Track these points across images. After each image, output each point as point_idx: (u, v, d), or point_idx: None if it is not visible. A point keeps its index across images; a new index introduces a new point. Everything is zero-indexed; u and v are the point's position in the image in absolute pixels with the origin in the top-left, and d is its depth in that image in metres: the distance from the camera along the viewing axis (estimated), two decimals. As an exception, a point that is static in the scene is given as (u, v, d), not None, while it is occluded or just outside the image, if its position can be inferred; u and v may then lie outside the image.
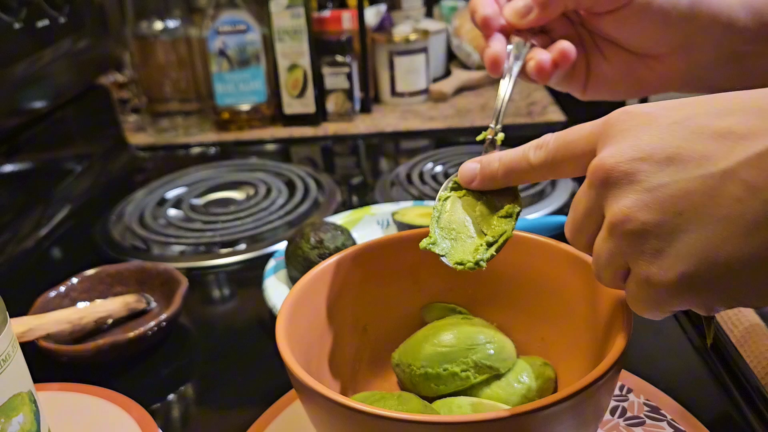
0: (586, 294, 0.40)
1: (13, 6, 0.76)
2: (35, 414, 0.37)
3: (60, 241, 0.78)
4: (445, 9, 1.25)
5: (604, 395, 0.35)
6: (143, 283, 0.61)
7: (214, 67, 1.05)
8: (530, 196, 0.78)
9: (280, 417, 0.45)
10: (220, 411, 0.50)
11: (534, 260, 0.43)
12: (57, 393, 0.48)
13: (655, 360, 0.50)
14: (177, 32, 1.03)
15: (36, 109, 0.81)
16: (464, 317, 0.45)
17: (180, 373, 0.54)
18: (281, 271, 0.61)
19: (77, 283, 0.60)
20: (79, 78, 0.92)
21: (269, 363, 0.53)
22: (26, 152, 0.81)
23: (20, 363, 0.36)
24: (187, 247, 0.74)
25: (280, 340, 0.36)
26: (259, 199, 0.83)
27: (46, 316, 0.54)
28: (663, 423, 0.42)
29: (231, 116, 1.09)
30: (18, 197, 0.78)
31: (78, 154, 0.93)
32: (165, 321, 0.54)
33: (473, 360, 0.41)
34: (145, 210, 0.82)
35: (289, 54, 1.04)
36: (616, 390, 0.45)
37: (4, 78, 0.74)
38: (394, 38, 1.11)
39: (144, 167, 1.02)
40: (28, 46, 0.78)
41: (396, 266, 0.46)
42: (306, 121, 1.08)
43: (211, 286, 0.67)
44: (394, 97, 1.15)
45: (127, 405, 0.47)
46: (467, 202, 0.39)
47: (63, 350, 0.52)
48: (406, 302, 0.46)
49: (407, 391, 0.43)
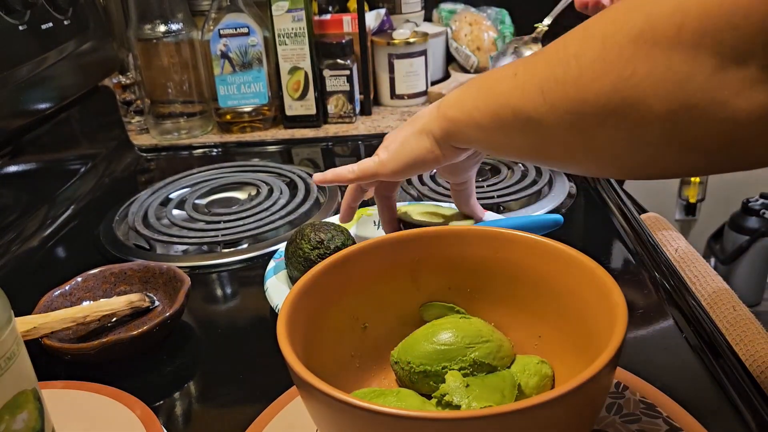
0: (582, 293, 0.41)
1: (18, 8, 0.77)
2: (39, 411, 0.37)
3: (64, 241, 0.79)
4: (443, 12, 1.26)
5: (600, 393, 0.35)
6: (147, 282, 0.62)
7: (217, 70, 1.06)
8: (527, 197, 0.79)
9: (282, 413, 0.45)
10: (223, 408, 0.50)
11: (531, 259, 0.44)
12: (61, 391, 0.49)
13: (651, 358, 0.51)
14: (180, 35, 1.04)
15: (40, 110, 0.81)
16: (462, 316, 0.46)
17: (183, 370, 0.55)
18: (282, 271, 0.62)
19: (81, 282, 0.60)
20: (83, 80, 0.93)
21: (270, 360, 0.54)
22: (31, 153, 0.82)
23: (25, 361, 0.36)
24: (190, 246, 0.75)
25: (281, 338, 0.37)
26: (261, 199, 0.84)
27: (51, 314, 0.54)
28: (659, 420, 0.42)
29: (233, 118, 1.10)
30: (23, 197, 0.79)
31: (82, 155, 0.93)
32: (168, 319, 0.54)
33: (471, 358, 0.42)
34: (148, 210, 0.82)
35: (290, 57, 1.05)
36: (612, 387, 0.45)
37: (9, 80, 0.74)
38: (393, 41, 1.12)
39: (148, 168, 1.03)
40: (32, 48, 0.79)
41: (395, 266, 0.46)
42: (307, 123, 1.09)
43: (213, 285, 0.68)
44: (393, 99, 1.16)
45: (131, 402, 0.47)
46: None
47: (67, 348, 0.52)
48: (405, 301, 0.47)
49: (406, 388, 0.43)
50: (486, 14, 1.23)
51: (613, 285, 0.38)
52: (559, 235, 0.55)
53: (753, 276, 1.89)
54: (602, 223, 0.74)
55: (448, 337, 0.43)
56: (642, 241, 0.68)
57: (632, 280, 0.62)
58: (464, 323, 0.44)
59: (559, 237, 0.44)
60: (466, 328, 0.43)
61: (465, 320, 0.45)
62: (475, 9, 1.25)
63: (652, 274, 0.62)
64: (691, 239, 1.90)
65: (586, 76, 0.35)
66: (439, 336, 0.43)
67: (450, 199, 0.78)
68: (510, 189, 0.80)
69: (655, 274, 0.62)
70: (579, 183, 0.82)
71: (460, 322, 0.44)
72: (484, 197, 0.79)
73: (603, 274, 0.39)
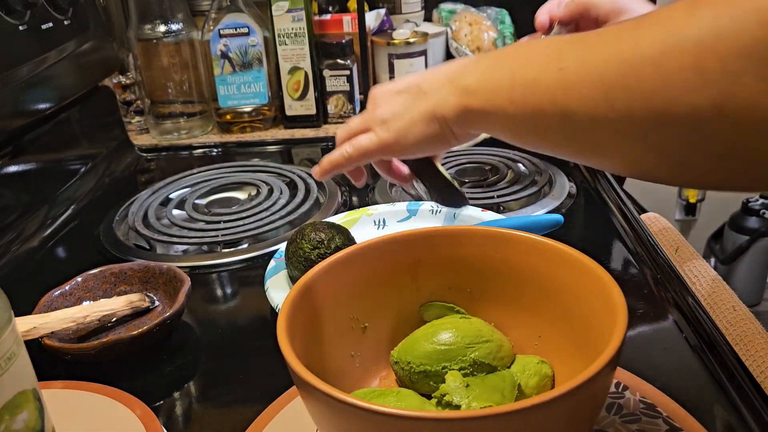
0: (582, 293, 0.41)
1: (18, 8, 0.77)
2: (39, 411, 0.37)
3: (64, 241, 0.79)
4: (443, 12, 1.26)
5: (600, 392, 0.35)
6: (147, 282, 0.62)
7: (217, 70, 1.06)
8: (527, 197, 0.79)
9: (282, 413, 0.45)
10: (223, 408, 0.50)
11: (531, 259, 0.44)
12: (61, 391, 0.49)
13: (651, 358, 0.51)
14: (180, 35, 1.04)
15: (41, 110, 0.81)
16: (462, 316, 0.46)
17: (183, 370, 0.55)
18: (282, 271, 0.62)
19: (81, 282, 0.60)
20: (83, 80, 0.93)
21: (270, 360, 0.54)
22: (31, 153, 0.82)
23: (25, 361, 0.36)
24: (190, 246, 0.75)
25: (281, 337, 0.37)
26: (261, 199, 0.84)
27: (51, 314, 0.54)
28: (659, 420, 0.42)
29: (233, 118, 1.10)
30: (23, 197, 0.79)
31: (82, 155, 0.93)
32: (168, 319, 0.54)
33: (471, 358, 0.42)
34: (148, 210, 0.82)
35: (290, 57, 1.05)
36: (612, 387, 0.45)
37: (9, 80, 0.75)
38: (393, 41, 1.12)
39: (148, 168, 1.03)
40: (32, 48, 0.79)
41: (395, 266, 0.46)
42: (307, 123, 1.09)
43: (213, 285, 0.68)
44: (395, 98, 1.16)
45: (131, 402, 0.47)
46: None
47: (67, 348, 0.52)
48: (405, 301, 0.47)
49: (406, 388, 0.43)
50: (486, 14, 1.23)
51: (613, 285, 0.38)
52: (559, 235, 0.55)
53: (753, 276, 1.90)
54: (602, 223, 0.74)
55: (448, 337, 0.43)
56: (642, 241, 0.68)
57: (632, 280, 0.62)
58: (464, 323, 0.44)
59: (559, 237, 0.44)
60: (466, 328, 0.43)
61: (465, 320, 0.45)
62: (475, 9, 1.25)
63: (653, 274, 0.62)
64: (691, 239, 1.90)
65: (675, 88, 0.30)
66: (439, 336, 0.43)
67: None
68: (510, 189, 0.80)
69: (656, 274, 0.62)
70: (579, 183, 0.82)
71: (460, 322, 0.44)
72: (485, 197, 0.79)
73: (603, 274, 0.39)
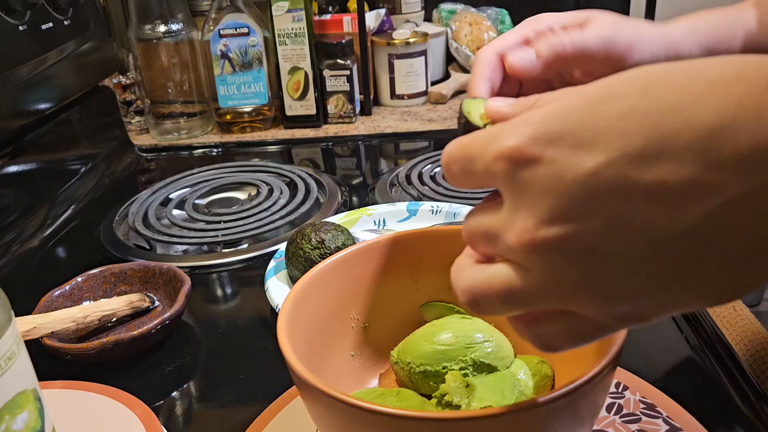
0: (582, 293, 0.41)
1: (18, 9, 0.77)
2: (40, 411, 0.37)
3: (64, 241, 0.79)
4: (443, 12, 1.26)
5: (600, 392, 0.35)
6: (147, 282, 0.62)
7: (217, 70, 1.06)
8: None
9: (282, 413, 0.45)
10: (223, 408, 0.50)
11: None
12: (61, 391, 0.49)
13: (651, 358, 0.51)
14: (180, 35, 1.04)
15: (41, 110, 0.81)
16: (463, 316, 0.46)
17: (183, 370, 0.55)
18: (282, 271, 0.62)
19: (81, 282, 0.60)
20: (83, 80, 0.93)
21: (271, 360, 0.54)
22: (31, 153, 0.82)
23: (25, 361, 0.36)
24: (190, 246, 0.75)
25: (282, 337, 0.37)
26: (261, 199, 0.84)
27: (51, 314, 0.54)
28: (659, 420, 0.43)
29: (233, 118, 1.10)
30: (23, 197, 0.79)
31: (82, 155, 0.93)
32: (168, 319, 0.54)
33: (471, 358, 0.42)
34: (148, 210, 0.83)
35: (290, 57, 1.05)
36: (612, 387, 0.45)
37: (9, 80, 0.75)
38: (393, 41, 1.12)
39: (148, 168, 1.03)
40: (32, 48, 0.79)
41: (395, 265, 0.46)
42: (307, 123, 1.09)
43: (213, 285, 0.68)
44: (393, 99, 1.16)
45: (131, 402, 0.47)
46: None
47: (67, 348, 0.52)
48: (406, 301, 0.47)
49: (406, 388, 0.43)
50: (486, 14, 1.23)
51: (613, 285, 0.38)
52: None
53: (753, 276, 1.89)
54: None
55: (448, 337, 0.43)
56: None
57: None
58: (464, 323, 0.44)
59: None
60: (466, 328, 0.43)
61: (465, 320, 0.45)
62: (475, 9, 1.25)
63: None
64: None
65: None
66: (439, 336, 0.43)
67: (449, 199, 0.78)
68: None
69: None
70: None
71: (460, 322, 0.44)
72: (484, 197, 0.78)
73: (603, 274, 0.39)
